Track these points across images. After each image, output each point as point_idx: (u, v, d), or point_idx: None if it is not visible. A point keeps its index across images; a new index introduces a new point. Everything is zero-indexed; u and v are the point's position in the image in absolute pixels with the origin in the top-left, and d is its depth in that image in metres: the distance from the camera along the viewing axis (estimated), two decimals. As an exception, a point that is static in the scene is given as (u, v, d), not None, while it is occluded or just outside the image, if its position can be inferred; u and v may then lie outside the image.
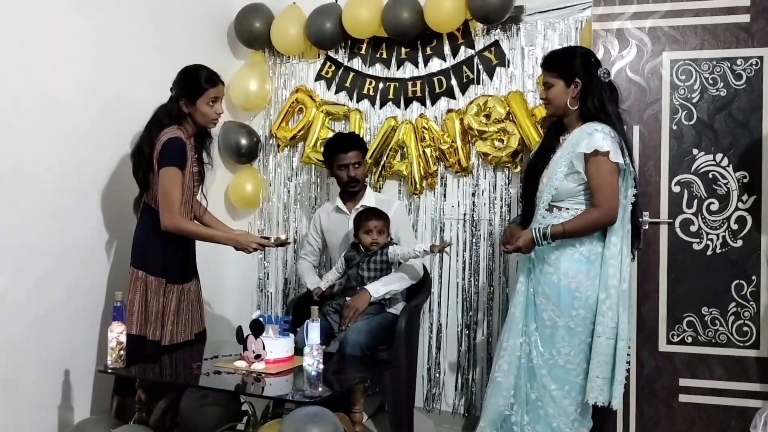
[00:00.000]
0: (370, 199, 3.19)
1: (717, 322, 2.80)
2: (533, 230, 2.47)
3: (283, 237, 2.87)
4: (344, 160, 3.12)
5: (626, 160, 2.44)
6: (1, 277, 2.55)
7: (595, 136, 2.41)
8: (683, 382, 2.82)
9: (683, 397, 2.82)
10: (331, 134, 3.60)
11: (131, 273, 2.75)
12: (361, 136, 3.42)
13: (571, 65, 2.51)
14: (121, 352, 2.44)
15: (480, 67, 3.38)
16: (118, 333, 2.43)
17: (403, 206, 3.31)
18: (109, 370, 2.44)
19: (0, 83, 2.54)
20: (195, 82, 2.75)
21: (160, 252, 2.74)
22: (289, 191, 3.77)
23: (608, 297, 2.43)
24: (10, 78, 2.58)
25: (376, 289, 2.96)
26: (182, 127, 2.76)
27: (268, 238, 2.85)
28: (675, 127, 2.84)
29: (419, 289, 3.17)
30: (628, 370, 2.50)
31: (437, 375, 3.45)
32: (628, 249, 2.48)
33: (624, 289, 2.45)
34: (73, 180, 2.86)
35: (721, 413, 2.77)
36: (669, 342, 2.84)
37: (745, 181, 2.77)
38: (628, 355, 2.50)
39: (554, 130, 2.63)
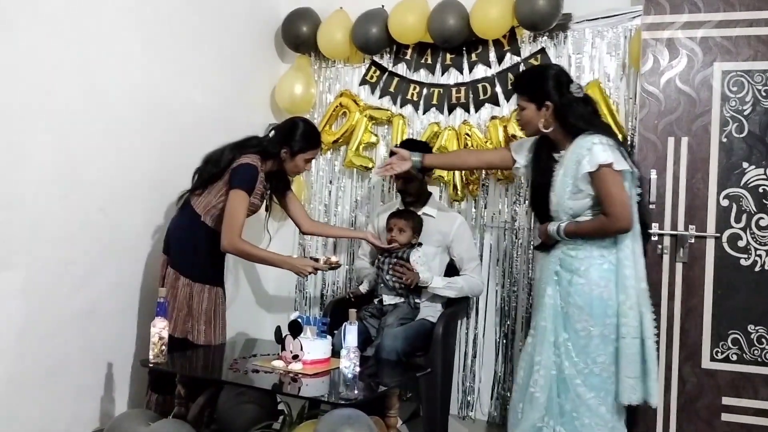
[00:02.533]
0: (431, 208, 3.16)
1: (764, 340, 2.72)
2: (550, 225, 2.49)
3: (334, 259, 2.94)
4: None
5: (628, 162, 2.40)
6: (50, 267, 2.64)
7: (595, 151, 2.36)
8: (726, 400, 2.75)
9: (726, 416, 2.74)
10: (373, 139, 3.64)
11: (163, 260, 2.87)
12: (428, 142, 3.33)
13: (542, 88, 2.47)
14: (163, 347, 2.49)
15: (525, 74, 3.35)
16: (160, 328, 2.48)
17: (465, 223, 3.21)
18: (151, 364, 2.49)
19: (55, 82, 2.62)
20: (305, 139, 2.91)
21: (189, 250, 2.83)
22: (330, 194, 3.80)
23: (628, 297, 2.40)
24: (64, 77, 2.66)
25: (437, 282, 3.00)
26: (264, 161, 2.88)
27: (317, 260, 2.93)
28: (725, 140, 2.78)
29: (459, 299, 3.16)
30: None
31: (473, 383, 3.43)
32: (641, 248, 2.44)
33: (643, 288, 2.41)
34: (121, 177, 2.93)
35: (765, 435, 2.69)
36: (713, 359, 2.77)
37: (797, 196, 2.70)
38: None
39: (546, 146, 2.58)
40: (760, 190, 2.74)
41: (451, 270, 3.17)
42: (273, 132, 2.95)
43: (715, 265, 2.77)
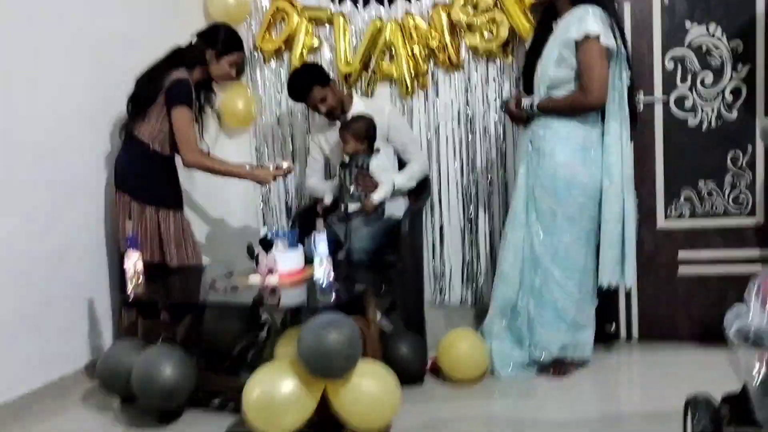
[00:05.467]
0: (359, 107, 3.16)
1: (714, 193, 2.85)
2: (525, 99, 2.56)
3: (285, 165, 2.97)
4: (309, 102, 3.13)
5: (618, 42, 2.41)
6: (14, 216, 2.61)
7: (586, 20, 2.38)
8: (682, 254, 2.91)
9: (683, 269, 2.91)
10: (315, 42, 3.54)
11: (118, 198, 2.85)
12: (311, 63, 3.37)
13: None
14: (140, 278, 2.52)
15: (464, -46, 3.26)
16: (134, 260, 2.51)
17: (395, 110, 3.30)
18: (131, 297, 2.53)
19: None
20: (229, 41, 2.94)
21: (148, 182, 2.84)
22: (280, 104, 3.73)
23: (612, 183, 2.49)
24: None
25: (399, 180, 3.05)
26: (191, 72, 2.85)
27: (278, 168, 2.95)
28: (666, 1, 2.77)
29: (420, 192, 3.22)
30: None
31: (443, 270, 3.55)
32: (628, 132, 2.50)
33: (628, 174, 2.50)
34: (63, 118, 2.84)
35: (719, 283, 2.85)
36: (667, 217, 2.90)
37: (739, 50, 2.75)
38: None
39: (546, 16, 2.59)
40: (704, 47, 2.77)
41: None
42: (196, 38, 2.93)
43: (664, 128, 2.84)
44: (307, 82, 3.08)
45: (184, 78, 2.80)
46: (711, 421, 1.64)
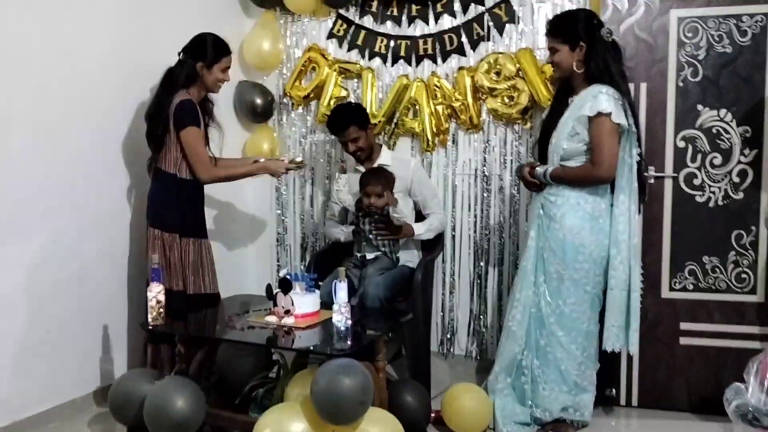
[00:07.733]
0: (386, 158, 3.28)
1: (717, 270, 2.95)
2: (539, 167, 2.69)
3: (298, 159, 3.16)
4: (342, 138, 3.22)
5: (629, 120, 2.56)
6: (40, 236, 2.72)
7: (599, 99, 2.53)
8: (684, 326, 2.99)
9: (684, 340, 2.99)
10: (344, 93, 3.69)
11: (149, 233, 2.94)
12: (357, 103, 3.47)
13: (575, 29, 2.61)
14: (161, 310, 2.60)
15: (490, 24, 3.43)
16: (156, 293, 2.59)
17: (419, 164, 3.42)
18: (150, 327, 2.61)
19: (29, 56, 2.62)
20: (214, 49, 2.95)
21: (174, 210, 2.93)
22: (304, 149, 3.87)
23: (619, 252, 2.60)
24: (38, 50, 2.66)
25: (418, 228, 3.15)
26: (190, 90, 2.93)
27: (292, 161, 3.14)
28: (681, 84, 2.92)
29: (434, 244, 3.32)
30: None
31: (451, 322, 3.63)
32: (636, 205, 2.63)
33: (635, 244, 2.63)
34: (99, 145, 2.98)
35: (718, 355, 2.94)
36: (671, 289, 2.99)
37: (747, 135, 2.87)
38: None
39: (563, 91, 2.74)
40: (714, 130, 2.91)
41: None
42: (182, 54, 2.96)
43: (673, 202, 2.95)
44: (348, 118, 3.18)
45: (185, 99, 2.87)
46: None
